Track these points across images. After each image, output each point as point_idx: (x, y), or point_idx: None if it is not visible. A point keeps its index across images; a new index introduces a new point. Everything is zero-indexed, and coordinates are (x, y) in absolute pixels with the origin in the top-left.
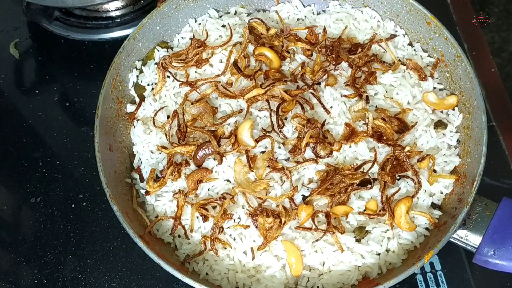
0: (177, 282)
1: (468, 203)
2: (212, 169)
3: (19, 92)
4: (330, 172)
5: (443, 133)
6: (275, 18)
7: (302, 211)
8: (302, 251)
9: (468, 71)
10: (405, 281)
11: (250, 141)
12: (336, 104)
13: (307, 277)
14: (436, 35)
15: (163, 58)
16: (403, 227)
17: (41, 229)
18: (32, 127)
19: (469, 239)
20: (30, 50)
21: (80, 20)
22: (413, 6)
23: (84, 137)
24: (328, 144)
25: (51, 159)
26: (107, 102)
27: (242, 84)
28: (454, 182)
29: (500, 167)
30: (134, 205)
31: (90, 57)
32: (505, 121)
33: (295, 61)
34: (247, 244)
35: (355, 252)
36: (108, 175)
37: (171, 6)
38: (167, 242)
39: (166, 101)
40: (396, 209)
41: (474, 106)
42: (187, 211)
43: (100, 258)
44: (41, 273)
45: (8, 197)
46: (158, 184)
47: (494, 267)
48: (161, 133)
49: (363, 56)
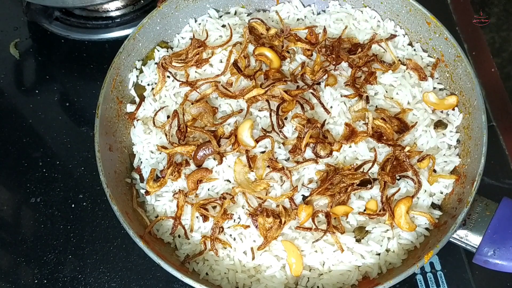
0: (177, 282)
1: (468, 203)
2: (212, 169)
3: (19, 92)
4: (330, 172)
5: (443, 133)
6: (275, 18)
7: (302, 211)
8: (302, 251)
9: (468, 71)
10: (405, 281)
11: (250, 141)
12: (336, 104)
13: (307, 277)
14: (436, 35)
15: (163, 58)
16: (403, 227)
17: (41, 229)
18: (32, 127)
19: (469, 239)
20: (30, 50)
21: (80, 20)
22: (413, 6)
23: (84, 137)
24: (328, 144)
25: (51, 159)
26: (107, 102)
27: (242, 84)
28: (454, 182)
29: (500, 167)
30: (134, 205)
31: (90, 57)
32: (505, 121)
33: (295, 61)
34: (247, 244)
35: (355, 252)
36: (108, 175)
37: (171, 6)
38: (167, 242)
39: (166, 101)
40: (396, 209)
41: (474, 106)
42: (187, 211)
43: (100, 258)
44: (41, 273)
45: (8, 197)
46: (158, 184)
47: (494, 267)
48: (161, 133)
49: (363, 56)
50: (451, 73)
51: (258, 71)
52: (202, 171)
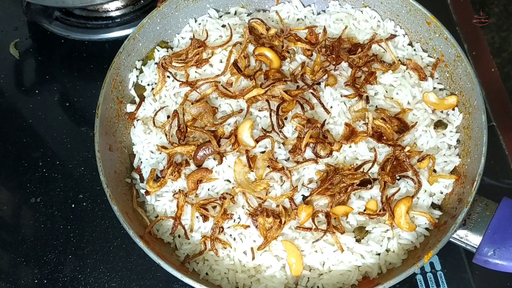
0: (177, 282)
1: (468, 203)
2: (212, 169)
3: (19, 92)
4: (330, 172)
5: (443, 133)
6: (275, 18)
7: (302, 211)
8: (302, 251)
9: (468, 71)
10: (405, 281)
11: (250, 141)
12: (336, 104)
13: (307, 277)
14: (436, 35)
15: (163, 58)
16: (403, 227)
17: (41, 229)
18: (32, 127)
19: (469, 239)
20: (30, 50)
21: (80, 20)
22: (413, 6)
23: (84, 137)
24: (328, 144)
25: (51, 159)
26: (107, 102)
27: (242, 84)
28: (454, 182)
29: (500, 167)
30: (134, 205)
31: (90, 57)
32: (505, 121)
33: (295, 61)
34: (247, 244)
35: (355, 252)
36: (108, 175)
37: (171, 6)
38: (167, 242)
39: (166, 101)
40: (396, 209)
41: (474, 106)
42: (187, 211)
43: (100, 258)
44: (41, 273)
45: (8, 197)
46: (158, 184)
47: (494, 267)
48: (161, 133)
49: (363, 56)
50: (451, 73)
51: (258, 71)
52: (202, 171)
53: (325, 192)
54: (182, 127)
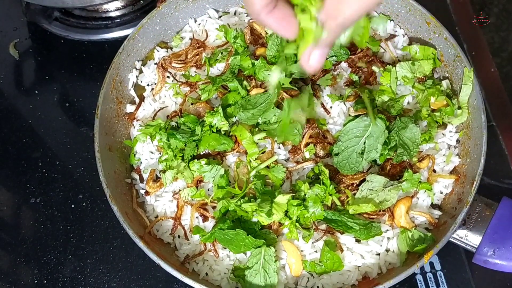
0: (177, 282)
1: (468, 203)
2: None
3: (19, 92)
4: (330, 172)
5: (443, 133)
6: None
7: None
8: (302, 251)
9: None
10: (405, 281)
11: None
12: (336, 104)
13: (307, 277)
14: (435, 35)
15: (162, 58)
16: (403, 227)
17: (41, 229)
18: (32, 127)
19: (469, 239)
20: (29, 50)
21: (79, 21)
22: (413, 6)
23: (84, 137)
24: (328, 144)
25: (51, 159)
26: (107, 102)
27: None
28: (454, 182)
29: (500, 167)
30: (134, 205)
31: (90, 57)
32: (505, 121)
33: None
34: None
35: (355, 252)
36: (108, 175)
37: (171, 7)
38: (167, 242)
39: (166, 101)
40: (396, 209)
41: (474, 106)
42: (187, 211)
43: (100, 258)
44: (41, 273)
45: (8, 197)
46: (158, 184)
47: (494, 267)
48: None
49: (363, 56)
50: (451, 73)
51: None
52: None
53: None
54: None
